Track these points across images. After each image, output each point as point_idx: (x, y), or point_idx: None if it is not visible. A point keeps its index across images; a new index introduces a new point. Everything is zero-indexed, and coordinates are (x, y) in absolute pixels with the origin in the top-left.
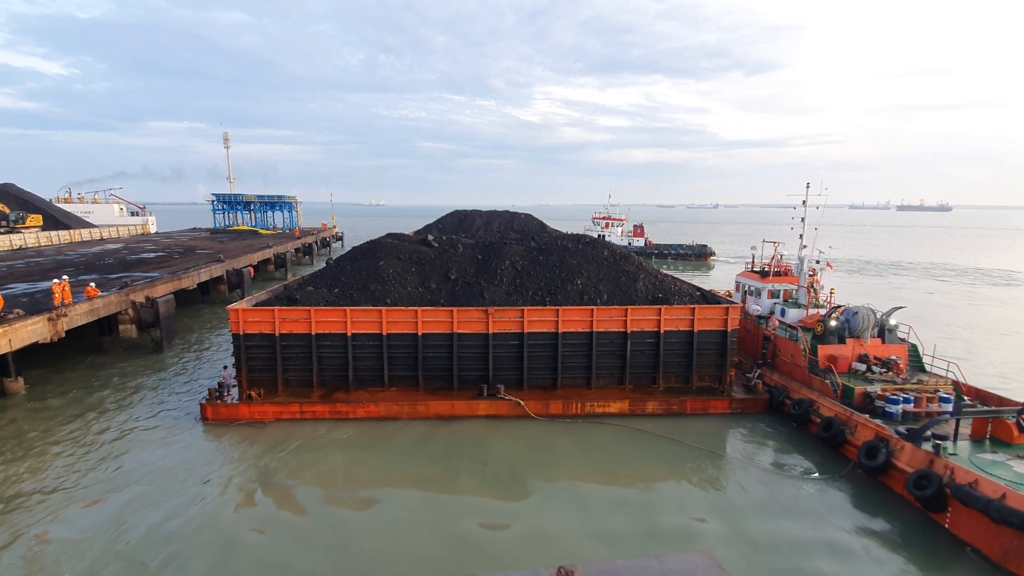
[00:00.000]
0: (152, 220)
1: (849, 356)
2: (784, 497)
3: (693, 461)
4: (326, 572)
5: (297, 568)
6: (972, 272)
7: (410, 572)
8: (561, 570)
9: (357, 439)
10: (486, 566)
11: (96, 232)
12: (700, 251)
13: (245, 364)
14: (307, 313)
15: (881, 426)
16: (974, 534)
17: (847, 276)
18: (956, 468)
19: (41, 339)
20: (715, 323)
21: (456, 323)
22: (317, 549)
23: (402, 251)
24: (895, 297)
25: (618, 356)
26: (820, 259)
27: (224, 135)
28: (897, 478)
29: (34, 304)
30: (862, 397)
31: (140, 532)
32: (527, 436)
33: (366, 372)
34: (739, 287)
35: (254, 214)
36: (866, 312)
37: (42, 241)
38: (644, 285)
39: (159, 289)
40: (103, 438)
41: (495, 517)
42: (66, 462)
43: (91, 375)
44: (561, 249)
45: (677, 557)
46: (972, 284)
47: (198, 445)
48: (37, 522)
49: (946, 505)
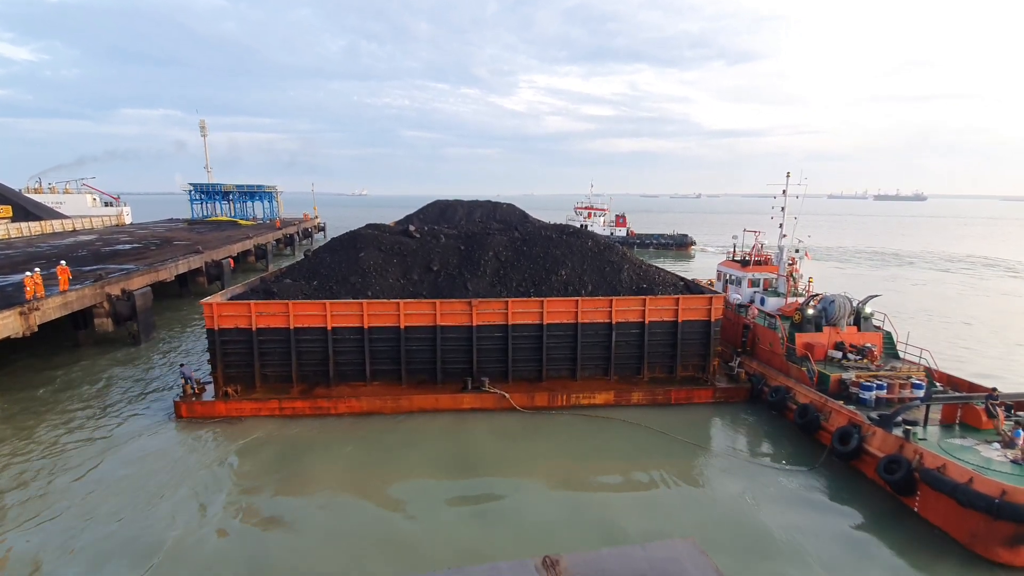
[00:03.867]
0: (127, 210)
1: (826, 344)
2: (761, 484)
3: (676, 451)
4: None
5: (282, 566)
6: (955, 260)
7: (393, 565)
8: (546, 560)
9: (339, 435)
10: (471, 558)
11: (68, 223)
12: (681, 240)
13: (221, 360)
14: (285, 307)
15: (854, 412)
16: (942, 517)
17: (825, 265)
18: (925, 453)
19: (13, 334)
20: (699, 313)
21: (439, 315)
22: (302, 544)
23: (383, 242)
24: (873, 286)
25: (603, 347)
26: (799, 248)
27: (201, 123)
28: (869, 463)
29: (5, 298)
30: (837, 384)
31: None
32: (511, 428)
33: (347, 367)
34: (720, 276)
35: (233, 204)
36: (842, 300)
37: (12, 233)
38: (628, 276)
39: (136, 281)
40: (72, 437)
41: (480, 509)
42: (34, 462)
43: (64, 371)
44: (545, 240)
45: (661, 544)
46: (945, 271)
47: (170, 445)
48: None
49: (915, 489)
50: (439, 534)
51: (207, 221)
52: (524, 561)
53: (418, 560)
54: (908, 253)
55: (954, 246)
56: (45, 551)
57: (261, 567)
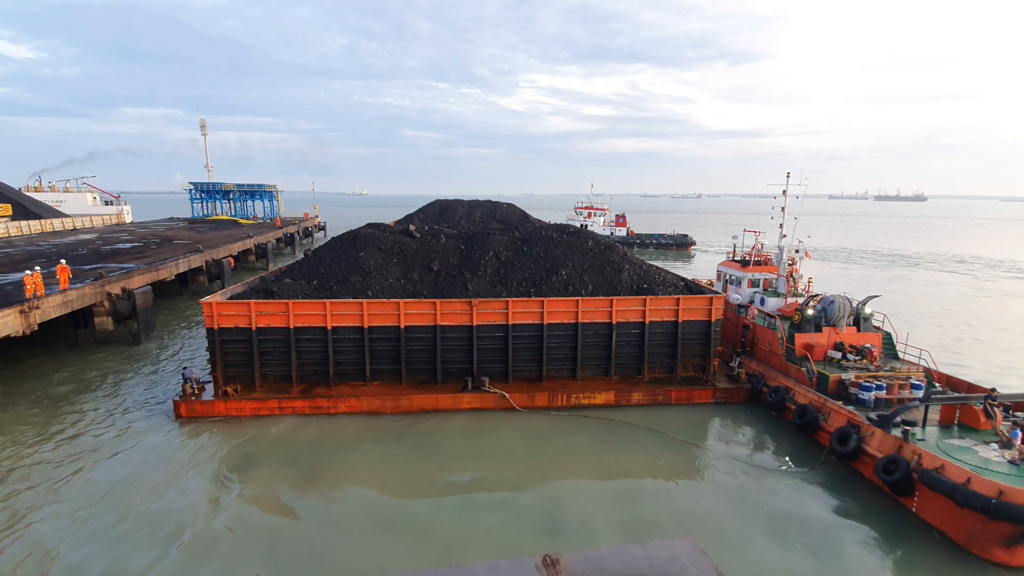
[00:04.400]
0: (127, 209)
1: (825, 344)
2: (760, 484)
3: (676, 451)
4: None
5: (279, 567)
6: (959, 260)
7: (394, 563)
8: (546, 558)
9: (338, 434)
10: (471, 556)
11: (69, 222)
12: (681, 240)
13: (220, 359)
14: (285, 306)
15: (853, 412)
16: (940, 518)
17: (825, 265)
18: (924, 453)
19: (13, 332)
20: (700, 313)
21: (439, 315)
22: (296, 544)
23: (383, 242)
24: (872, 286)
25: (603, 347)
26: (799, 248)
27: (201, 122)
28: (867, 463)
29: (4, 296)
30: (836, 384)
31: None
32: (511, 428)
33: (347, 366)
34: (720, 276)
35: (233, 203)
36: (842, 301)
37: (12, 231)
38: (629, 276)
39: (136, 280)
40: (71, 435)
41: (479, 508)
42: (31, 461)
43: (64, 369)
44: (545, 239)
45: (661, 543)
46: (951, 272)
47: (169, 444)
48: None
49: (913, 489)
50: (438, 531)
51: (207, 220)
52: (524, 560)
53: (415, 558)
54: (910, 253)
55: (957, 247)
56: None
57: (273, 558)
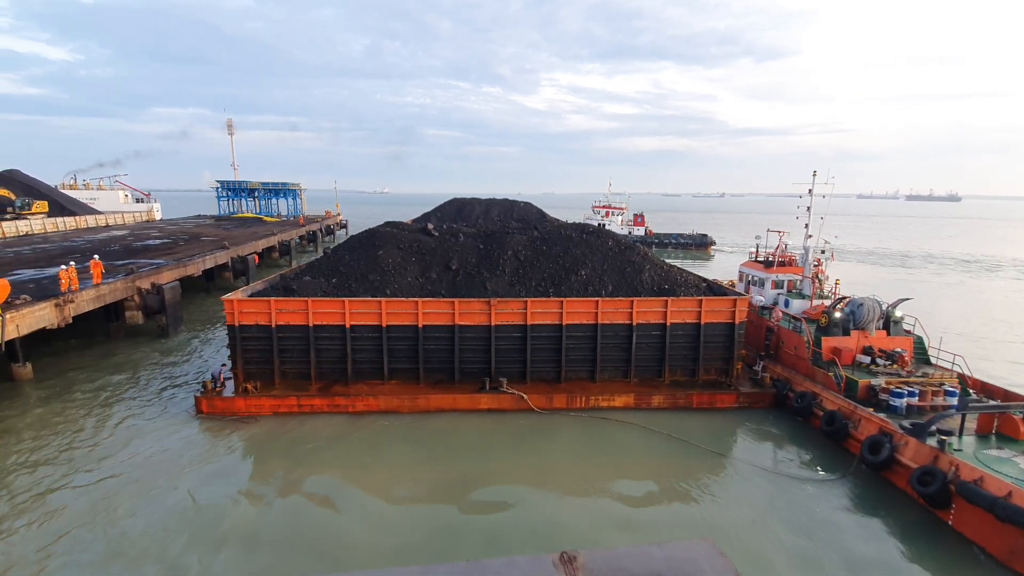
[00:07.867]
0: (157, 207)
1: (853, 348)
2: (786, 493)
3: (697, 457)
4: (329, 561)
5: (299, 559)
6: (995, 263)
7: (413, 558)
8: (564, 555)
9: (356, 432)
10: (489, 552)
11: (102, 219)
12: (701, 240)
13: (241, 356)
14: (304, 304)
15: (885, 420)
16: (979, 532)
17: (853, 266)
18: (961, 464)
19: (48, 325)
20: (723, 315)
21: (457, 315)
22: (315, 540)
23: (402, 240)
24: (903, 288)
25: (623, 349)
26: (825, 249)
27: (228, 122)
28: (901, 474)
29: (41, 290)
30: (866, 390)
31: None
32: (529, 430)
33: (365, 365)
34: (742, 277)
35: (258, 201)
36: (871, 303)
37: (48, 228)
38: (650, 276)
39: (165, 276)
40: (96, 428)
41: (498, 506)
42: (59, 450)
43: (96, 362)
44: (565, 239)
45: (679, 544)
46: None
47: (190, 440)
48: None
49: (950, 502)
50: (453, 529)
51: (233, 217)
52: (541, 556)
53: (434, 554)
54: (943, 255)
55: (995, 248)
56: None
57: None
